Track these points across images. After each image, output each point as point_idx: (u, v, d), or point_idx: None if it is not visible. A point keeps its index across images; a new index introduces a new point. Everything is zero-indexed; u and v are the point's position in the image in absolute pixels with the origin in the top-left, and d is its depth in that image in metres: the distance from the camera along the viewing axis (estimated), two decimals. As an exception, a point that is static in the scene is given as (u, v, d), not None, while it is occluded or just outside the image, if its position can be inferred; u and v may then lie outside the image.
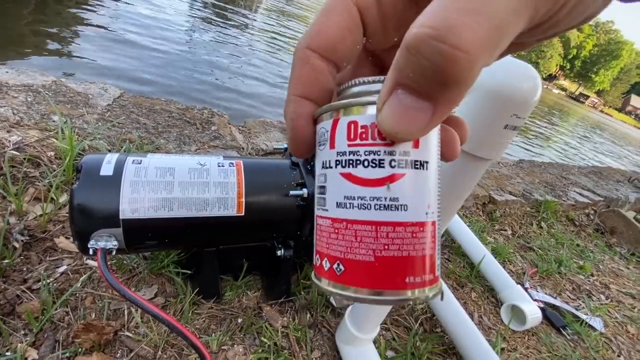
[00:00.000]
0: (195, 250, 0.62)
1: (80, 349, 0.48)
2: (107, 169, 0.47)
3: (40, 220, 0.63)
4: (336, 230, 0.15)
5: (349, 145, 0.15)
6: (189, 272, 0.62)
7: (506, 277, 0.93)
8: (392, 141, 0.14)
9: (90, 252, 0.44)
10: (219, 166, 0.53)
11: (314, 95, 0.16)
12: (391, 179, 0.14)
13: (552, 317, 0.93)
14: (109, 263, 0.43)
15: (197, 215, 0.50)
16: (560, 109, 19.73)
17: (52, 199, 0.66)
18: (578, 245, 1.46)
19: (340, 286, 0.15)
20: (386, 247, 0.14)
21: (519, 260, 1.18)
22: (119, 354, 0.51)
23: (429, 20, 0.11)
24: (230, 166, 0.54)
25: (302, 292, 0.69)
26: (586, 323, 0.95)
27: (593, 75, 58.11)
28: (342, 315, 0.65)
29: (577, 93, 61.87)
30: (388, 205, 0.14)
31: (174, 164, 0.50)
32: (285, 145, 0.68)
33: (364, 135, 0.15)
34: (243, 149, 1.05)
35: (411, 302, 0.15)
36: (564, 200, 1.70)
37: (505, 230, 1.34)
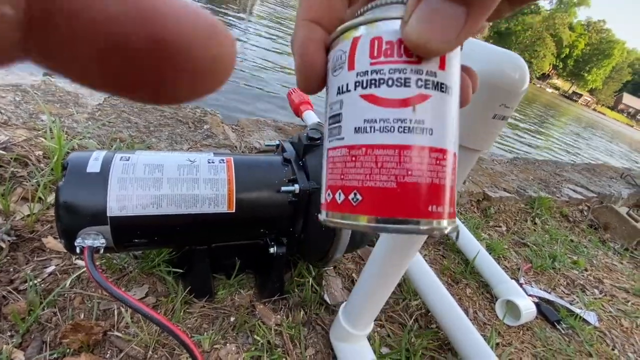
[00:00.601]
0: (186, 249, 0.61)
1: (68, 350, 0.48)
2: (94, 166, 0.46)
3: (27, 220, 0.61)
4: (353, 158, 0.14)
5: (372, 64, 0.14)
6: (181, 271, 0.61)
7: (501, 273, 0.93)
8: (419, 58, 0.13)
9: (78, 250, 0.43)
10: (208, 162, 0.52)
11: (325, 21, 0.15)
12: (417, 99, 0.13)
13: (546, 311, 0.93)
14: (97, 262, 0.43)
15: (186, 212, 0.49)
16: (554, 107, 19.91)
17: (40, 198, 0.65)
18: (572, 240, 1.47)
19: (356, 217, 0.14)
20: (409, 172, 0.13)
21: (513, 256, 1.18)
22: (108, 355, 0.50)
23: None
24: (220, 162, 0.53)
25: (296, 290, 0.69)
26: (580, 317, 0.95)
27: (585, 74, 58.70)
28: (336, 312, 0.64)
29: (570, 92, 62.48)
30: (413, 128, 0.13)
31: (163, 161, 0.50)
32: (277, 142, 0.68)
33: (388, 52, 0.13)
34: (236, 147, 1.04)
35: (434, 233, 0.14)
36: (557, 197, 1.71)
37: (500, 226, 1.35)
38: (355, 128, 0.14)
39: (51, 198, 0.67)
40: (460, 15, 0.12)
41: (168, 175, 0.48)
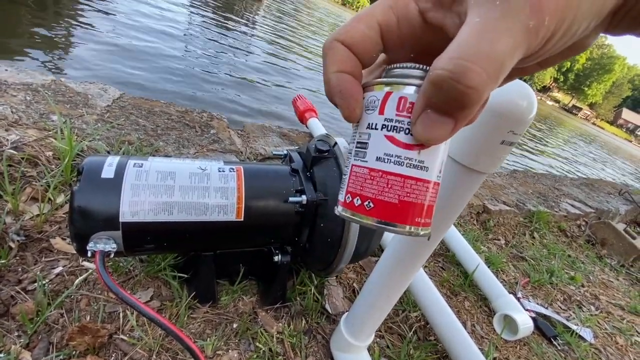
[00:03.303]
0: (192, 254, 0.62)
1: (74, 352, 0.48)
2: (108, 172, 0.47)
3: (36, 221, 0.62)
4: (371, 177, 0.19)
5: (397, 115, 0.19)
6: (186, 275, 0.62)
7: (499, 287, 0.94)
8: None
9: (89, 254, 0.44)
10: (219, 171, 0.54)
11: (348, 70, 0.19)
12: (422, 146, 0.19)
13: (543, 327, 0.94)
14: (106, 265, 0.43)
15: (196, 220, 0.50)
16: (554, 120, 20.01)
17: (49, 199, 0.66)
18: (569, 256, 1.48)
19: (367, 217, 0.20)
20: (408, 194, 0.19)
21: (511, 270, 1.19)
22: (113, 358, 0.50)
23: (448, 64, 0.14)
24: (230, 171, 0.54)
25: (298, 298, 0.70)
26: (576, 333, 0.96)
27: (586, 88, 59.12)
28: (337, 321, 0.65)
29: (570, 105, 62.87)
30: (416, 165, 0.19)
31: (175, 168, 0.51)
32: (285, 152, 0.69)
33: (409, 110, 0.18)
34: (242, 153, 1.05)
35: (413, 234, 0.20)
36: (556, 211, 1.73)
37: (499, 239, 1.36)
38: (377, 157, 0.19)
39: (60, 199, 0.67)
40: (449, 123, 0.16)
41: (180, 183, 0.49)
